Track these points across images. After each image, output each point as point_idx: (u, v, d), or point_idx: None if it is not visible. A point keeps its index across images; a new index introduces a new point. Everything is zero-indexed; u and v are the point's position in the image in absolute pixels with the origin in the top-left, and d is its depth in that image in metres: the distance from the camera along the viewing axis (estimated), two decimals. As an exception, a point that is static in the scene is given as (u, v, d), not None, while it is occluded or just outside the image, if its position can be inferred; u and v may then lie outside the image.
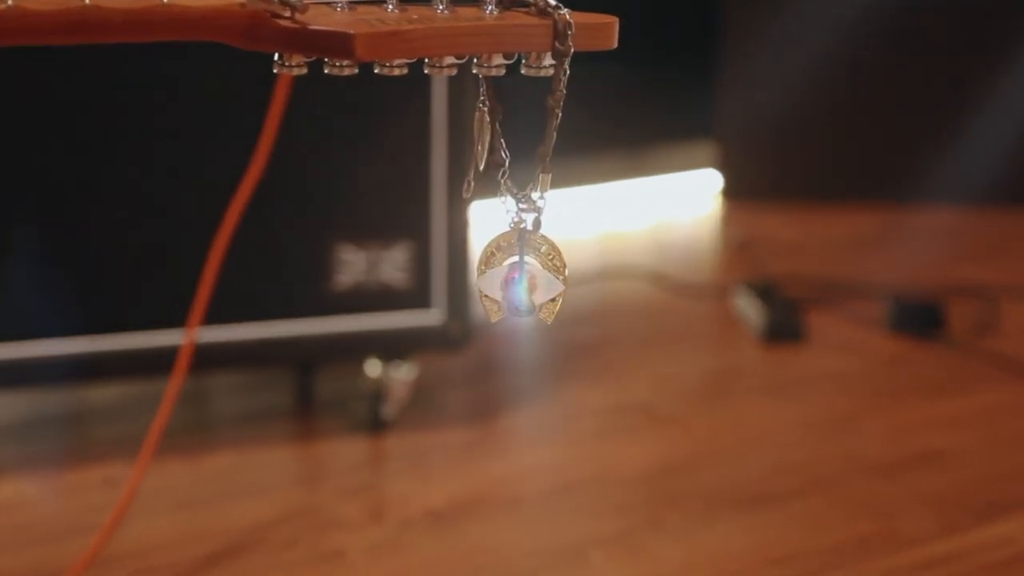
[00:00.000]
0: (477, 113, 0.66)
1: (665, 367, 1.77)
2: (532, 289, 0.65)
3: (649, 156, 2.73)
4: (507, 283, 0.65)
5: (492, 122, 0.66)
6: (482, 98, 0.66)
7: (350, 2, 0.63)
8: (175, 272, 1.36)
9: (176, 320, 1.31)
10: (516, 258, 0.65)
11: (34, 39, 0.58)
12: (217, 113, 1.38)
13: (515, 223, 0.65)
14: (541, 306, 0.65)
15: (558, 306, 0.65)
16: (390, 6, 0.63)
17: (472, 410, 1.61)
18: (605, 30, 0.63)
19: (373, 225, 1.45)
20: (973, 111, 2.58)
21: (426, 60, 0.61)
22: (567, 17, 0.61)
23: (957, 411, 1.62)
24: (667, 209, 2.63)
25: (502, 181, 0.66)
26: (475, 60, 0.63)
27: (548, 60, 0.62)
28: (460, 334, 1.50)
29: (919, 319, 1.89)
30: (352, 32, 0.57)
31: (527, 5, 0.63)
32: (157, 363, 1.35)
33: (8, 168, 1.33)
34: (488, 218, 1.92)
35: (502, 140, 0.66)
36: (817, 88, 2.60)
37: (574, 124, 0.91)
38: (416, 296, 1.47)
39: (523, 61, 0.63)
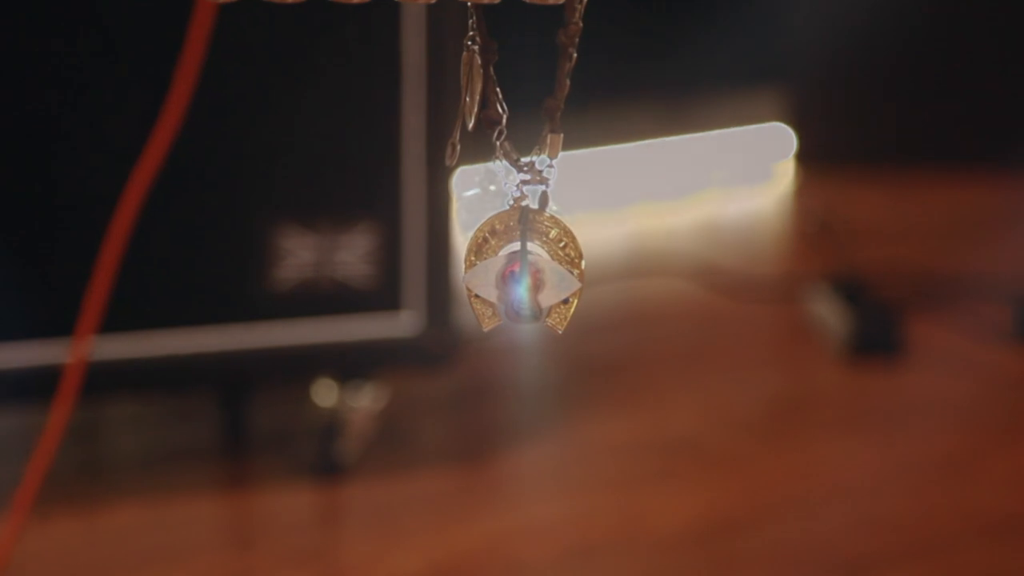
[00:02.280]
0: (465, 54, 0.66)
1: (716, 392, 1.77)
2: (537, 287, 0.66)
3: (696, 108, 2.74)
4: (505, 279, 0.66)
5: (485, 66, 0.66)
6: (471, 34, 0.66)
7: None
8: (59, 266, 1.37)
9: (61, 329, 1.32)
10: (516, 246, 0.66)
11: None
12: (116, 54, 1.39)
13: (515, 200, 0.66)
14: (549, 309, 0.66)
15: (572, 310, 0.66)
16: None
17: (458, 449, 1.61)
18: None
19: (325, 201, 1.46)
20: None
21: (397, -16, 0.62)
22: (584, -75, 0.62)
23: (1107, 450, 1.63)
24: (720, 178, 2.64)
25: (498, 144, 0.66)
26: (462, -17, 0.63)
27: (559, -17, 0.63)
28: (442, 347, 1.50)
29: (1056, 327, 1.90)
30: (299, -53, 0.58)
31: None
32: (36, 387, 1.35)
33: None
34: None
35: (498, 89, 0.67)
36: (921, 16, 2.60)
37: (595, 68, 0.91)
38: (383, 296, 1.48)
39: (525, -16, 0.64)
